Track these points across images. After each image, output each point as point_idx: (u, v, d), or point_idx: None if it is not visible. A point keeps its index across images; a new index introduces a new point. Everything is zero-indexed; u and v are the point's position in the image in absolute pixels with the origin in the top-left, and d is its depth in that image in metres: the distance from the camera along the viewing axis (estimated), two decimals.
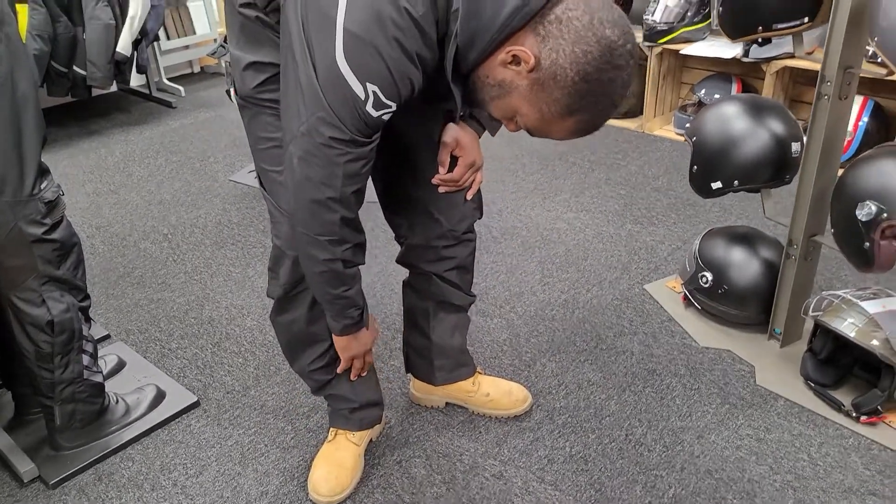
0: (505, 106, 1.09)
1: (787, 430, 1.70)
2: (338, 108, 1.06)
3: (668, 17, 3.17)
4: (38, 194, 1.45)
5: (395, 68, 1.03)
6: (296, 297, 1.41)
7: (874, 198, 1.54)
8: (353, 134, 1.08)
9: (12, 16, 1.37)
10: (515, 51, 1.01)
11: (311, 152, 1.10)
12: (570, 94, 1.01)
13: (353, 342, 1.39)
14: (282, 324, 1.47)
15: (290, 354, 1.52)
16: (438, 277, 1.57)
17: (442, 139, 1.41)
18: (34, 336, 1.54)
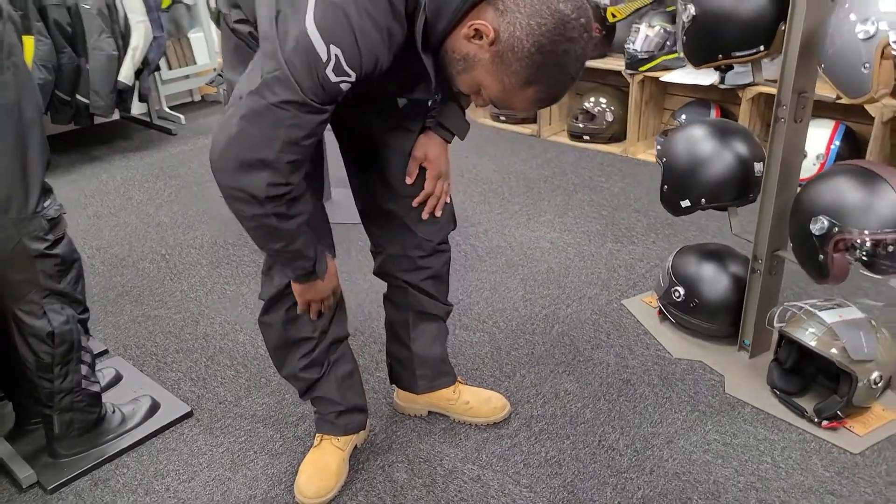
0: (470, 80, 1.17)
1: (753, 434, 1.78)
2: (296, 69, 1.08)
3: (648, 46, 3.30)
4: (42, 212, 1.54)
5: (361, 37, 1.08)
6: (286, 296, 1.49)
7: (827, 213, 1.64)
8: (306, 97, 1.10)
9: (19, 46, 1.48)
10: (477, 24, 1.10)
11: (256, 111, 1.12)
12: (528, 65, 1.09)
13: (309, 289, 1.42)
14: (269, 324, 1.55)
15: (277, 357, 1.60)
16: (414, 288, 1.66)
17: (412, 154, 1.52)
18: (35, 347, 1.63)
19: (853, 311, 1.77)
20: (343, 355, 1.64)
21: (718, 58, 1.81)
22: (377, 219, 1.61)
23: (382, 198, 1.56)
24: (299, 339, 1.55)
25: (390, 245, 1.62)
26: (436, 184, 1.55)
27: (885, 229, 1.58)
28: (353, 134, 1.53)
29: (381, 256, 1.66)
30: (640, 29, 3.31)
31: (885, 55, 1.45)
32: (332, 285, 1.47)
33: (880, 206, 1.59)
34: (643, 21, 3.33)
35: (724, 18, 1.75)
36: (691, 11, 1.80)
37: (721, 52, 1.79)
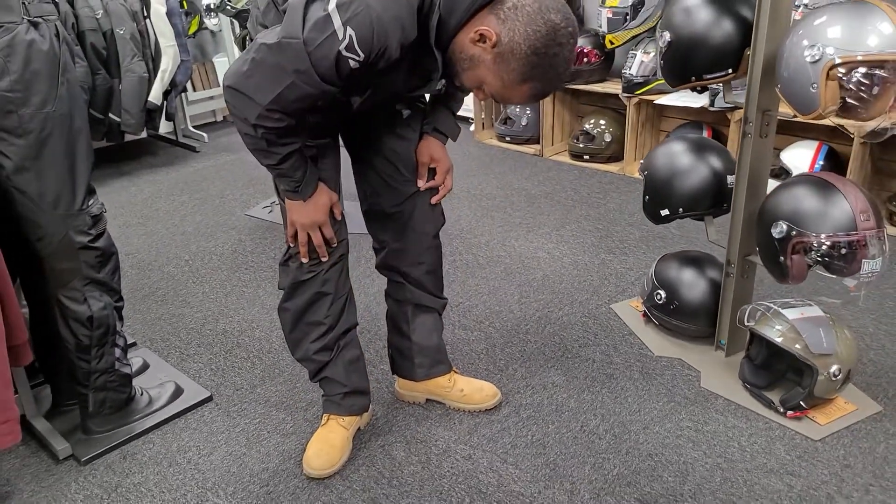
0: (473, 77, 1.38)
1: (723, 423, 1.94)
2: (311, 41, 1.27)
3: (643, 70, 3.51)
4: (87, 209, 1.76)
5: (377, 24, 1.26)
6: (302, 284, 1.69)
7: (786, 218, 1.81)
8: (311, 66, 1.30)
9: (72, 65, 1.71)
10: (482, 30, 1.31)
11: (265, 62, 1.33)
12: (524, 64, 1.31)
13: (297, 208, 1.58)
14: (288, 309, 1.74)
15: (292, 341, 1.79)
16: (412, 282, 1.86)
17: (418, 160, 1.74)
18: (76, 329, 1.83)
19: (815, 309, 1.93)
20: (351, 342, 1.83)
21: (692, 80, 1.99)
22: (380, 218, 1.81)
23: (385, 199, 1.77)
24: (313, 322, 1.74)
25: (391, 241, 1.82)
26: (444, 176, 1.79)
27: (838, 233, 1.75)
28: (361, 143, 1.74)
29: (383, 252, 1.86)
30: (636, 55, 3.52)
31: (831, 77, 1.63)
32: (318, 215, 1.60)
33: (833, 213, 1.77)
34: (639, 48, 3.53)
35: (696, 44, 1.94)
36: (667, 38, 1.99)
37: (694, 75, 1.98)
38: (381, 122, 1.70)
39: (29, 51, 1.56)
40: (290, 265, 1.70)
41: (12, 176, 1.64)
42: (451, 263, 2.86)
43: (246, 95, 1.37)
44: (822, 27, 1.67)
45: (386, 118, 1.70)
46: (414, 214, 1.78)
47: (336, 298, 1.74)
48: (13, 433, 1.66)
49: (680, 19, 1.96)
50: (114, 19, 3.62)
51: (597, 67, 3.79)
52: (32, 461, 1.92)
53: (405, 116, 1.71)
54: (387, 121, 1.70)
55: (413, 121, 1.72)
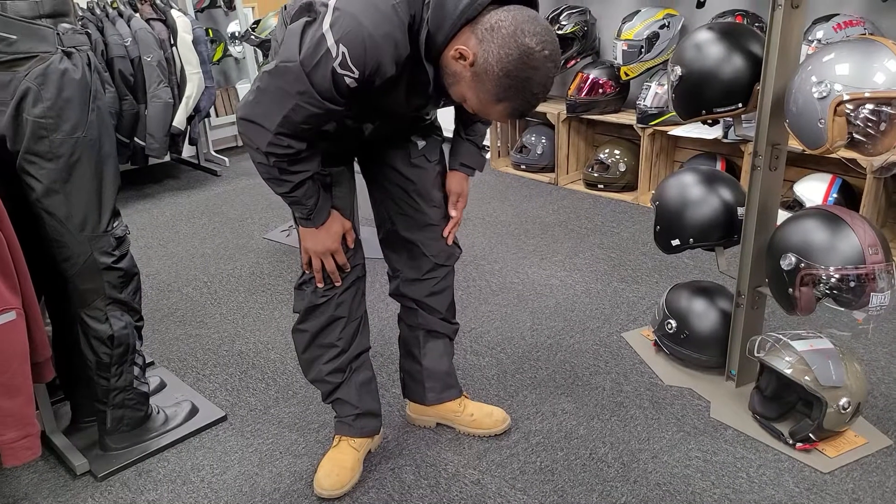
0: (457, 92, 1.42)
1: (732, 453, 1.94)
2: (308, 62, 1.33)
3: (658, 102, 3.55)
4: (111, 231, 1.82)
5: (368, 41, 1.31)
6: (317, 308, 1.74)
7: (795, 251, 1.83)
8: (310, 86, 1.35)
9: (103, 93, 1.78)
10: (461, 49, 1.35)
11: (268, 88, 1.40)
12: (497, 85, 1.34)
13: (310, 236, 1.63)
14: (302, 331, 1.78)
15: (305, 361, 1.83)
16: (425, 308, 1.90)
17: (451, 189, 1.82)
18: (96, 348, 1.88)
19: (824, 341, 1.94)
20: (363, 364, 1.87)
21: (702, 113, 2.03)
22: (396, 246, 1.85)
23: (402, 227, 1.81)
24: (326, 344, 1.78)
25: (406, 270, 1.86)
26: (461, 214, 1.85)
27: (847, 266, 1.77)
28: (378, 171, 1.79)
29: (397, 280, 1.90)
30: (650, 87, 3.57)
31: (839, 113, 1.67)
32: (331, 243, 1.65)
33: (842, 246, 1.79)
34: (653, 80, 3.58)
35: (707, 79, 1.97)
36: (678, 72, 2.03)
37: (704, 109, 2.01)
38: (397, 151, 1.75)
39: (62, 79, 1.64)
40: (304, 289, 1.74)
41: (42, 198, 1.71)
42: (465, 289, 2.89)
43: (255, 123, 1.43)
44: (830, 64, 1.71)
45: (401, 148, 1.75)
46: (429, 244, 1.82)
47: (350, 321, 1.78)
48: (33, 448, 1.70)
49: (691, 54, 2.00)
50: (142, 47, 3.74)
51: (612, 98, 3.84)
52: (50, 476, 1.96)
53: (420, 148, 1.76)
54: (402, 151, 1.75)
55: (428, 151, 1.77)
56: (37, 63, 1.61)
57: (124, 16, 3.80)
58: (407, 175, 1.76)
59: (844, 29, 2.95)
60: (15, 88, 1.61)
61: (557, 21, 3.87)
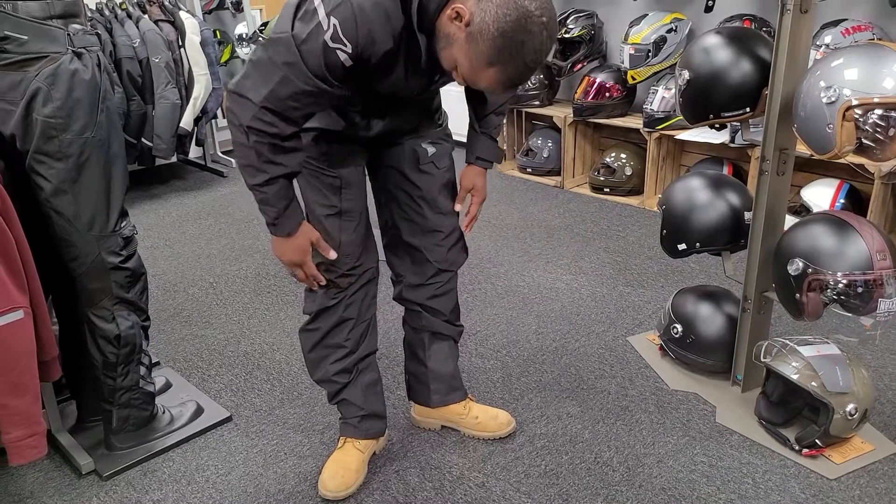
0: (449, 56, 1.37)
1: (738, 459, 1.94)
2: (298, 34, 1.33)
3: (665, 106, 3.55)
4: (119, 231, 1.82)
5: (358, 12, 1.31)
6: (326, 310, 1.74)
7: (802, 256, 1.83)
8: (299, 59, 1.34)
9: (112, 94, 1.79)
10: (458, 7, 1.32)
11: (258, 60, 1.38)
12: (491, 46, 1.29)
13: (277, 244, 1.61)
14: (311, 331, 1.78)
15: (311, 361, 1.83)
16: (428, 311, 1.90)
17: (462, 185, 1.83)
18: (103, 347, 1.89)
19: (831, 347, 1.94)
20: (370, 366, 1.87)
21: (710, 117, 2.02)
22: (399, 251, 1.85)
23: (406, 232, 1.81)
24: (333, 345, 1.78)
25: (409, 275, 1.86)
26: (480, 207, 1.86)
27: (854, 271, 1.77)
28: (386, 176, 1.79)
29: (401, 285, 1.90)
30: (657, 91, 3.57)
31: (847, 118, 1.66)
32: (295, 256, 1.62)
33: (850, 252, 1.78)
34: (660, 84, 3.58)
35: (715, 83, 1.97)
36: (686, 76, 2.03)
37: (712, 113, 2.01)
38: (406, 156, 1.74)
39: (72, 80, 1.64)
40: (316, 291, 1.74)
41: (50, 198, 1.71)
42: (470, 292, 2.89)
43: (242, 96, 1.41)
44: (838, 69, 1.71)
45: (410, 154, 1.75)
46: (433, 250, 1.82)
47: (358, 323, 1.78)
48: (39, 447, 1.71)
49: (699, 59, 2.00)
50: (150, 48, 3.75)
51: (619, 102, 3.84)
52: (56, 475, 1.96)
53: (430, 154, 1.76)
54: (411, 156, 1.75)
55: (437, 158, 1.76)
56: (47, 63, 1.62)
57: (133, 17, 3.82)
58: (414, 181, 1.76)
59: (853, 34, 2.94)
60: (25, 88, 1.61)
61: (564, 24, 3.87)
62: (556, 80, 4.16)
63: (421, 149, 1.74)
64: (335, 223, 1.70)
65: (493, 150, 1.86)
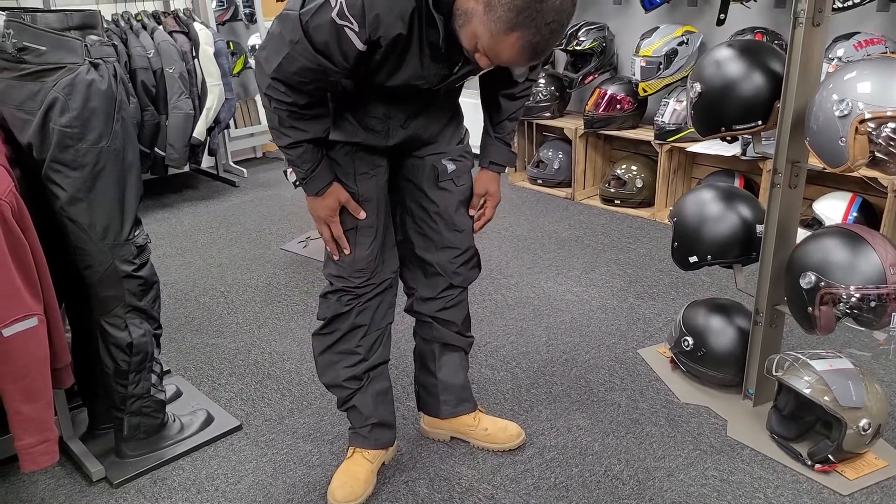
0: (468, 32, 1.34)
1: (749, 473, 1.92)
2: (306, 13, 1.36)
3: (676, 118, 3.55)
4: (133, 239, 1.84)
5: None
6: (340, 316, 1.76)
7: (815, 269, 1.82)
8: (304, 37, 1.38)
9: (128, 104, 1.81)
10: None
11: (271, 33, 1.45)
12: (508, 9, 1.25)
13: (312, 202, 1.66)
14: (324, 335, 1.79)
15: (322, 365, 1.83)
16: (440, 322, 1.90)
17: (475, 192, 1.84)
18: (115, 355, 1.90)
19: (844, 361, 1.92)
20: (381, 374, 1.87)
21: (721, 130, 2.02)
22: (413, 265, 1.86)
23: (419, 247, 1.82)
24: (345, 350, 1.79)
25: (421, 288, 1.87)
26: (494, 211, 1.89)
27: (868, 285, 1.76)
28: (405, 190, 1.79)
29: (413, 298, 1.91)
30: (668, 103, 3.57)
31: (860, 131, 1.66)
32: (323, 213, 1.67)
33: (863, 265, 1.77)
34: (672, 96, 3.58)
35: (727, 95, 1.97)
36: (698, 89, 2.03)
37: (724, 126, 2.01)
38: (425, 173, 1.75)
39: (89, 90, 1.66)
40: (329, 298, 1.75)
41: (66, 206, 1.73)
42: (480, 303, 2.89)
43: (260, 65, 1.49)
44: (851, 82, 1.70)
45: (430, 170, 1.75)
46: (445, 266, 1.83)
47: (370, 331, 1.79)
48: (51, 454, 1.71)
49: (711, 71, 2.00)
50: (164, 59, 3.79)
51: (630, 114, 3.84)
52: (67, 482, 1.97)
53: (450, 172, 1.76)
54: (430, 172, 1.75)
55: (457, 175, 1.77)
56: (65, 74, 1.64)
57: (148, 28, 3.86)
58: (432, 197, 1.76)
59: (865, 47, 2.94)
60: (43, 98, 1.64)
61: (576, 37, 3.88)
62: (567, 92, 4.17)
63: (441, 165, 1.75)
64: (351, 237, 1.71)
65: (507, 154, 1.88)
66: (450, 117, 1.76)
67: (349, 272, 1.73)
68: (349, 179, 1.67)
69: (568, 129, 4.05)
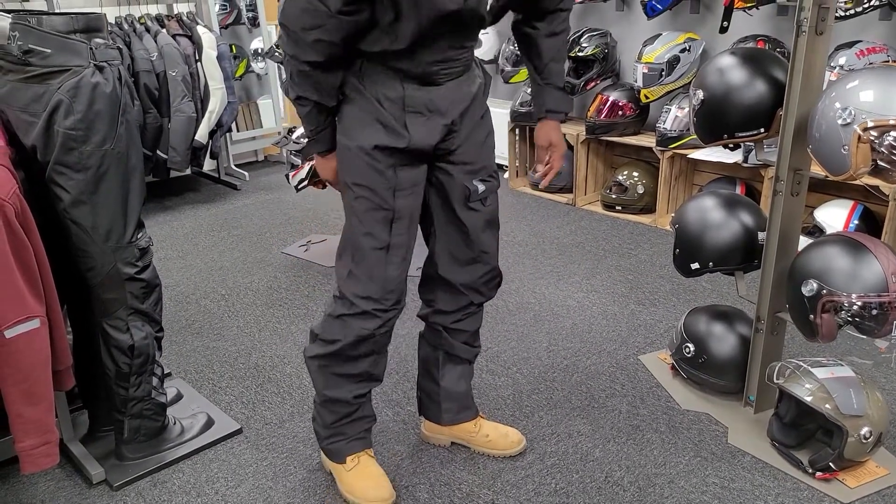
0: None
1: (750, 481, 1.92)
2: None
3: (678, 125, 3.55)
4: (135, 242, 1.84)
5: None
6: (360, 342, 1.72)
7: (817, 277, 1.82)
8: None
9: (132, 107, 1.81)
10: None
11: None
12: None
13: (319, 162, 1.70)
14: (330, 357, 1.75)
15: (323, 383, 1.80)
16: (449, 332, 1.90)
17: (537, 144, 1.87)
18: (117, 357, 1.90)
19: (845, 369, 1.92)
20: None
21: (724, 137, 2.03)
22: (435, 284, 1.85)
23: (444, 267, 1.82)
24: (357, 374, 1.78)
25: (442, 303, 1.87)
26: (562, 160, 1.90)
27: (869, 293, 1.76)
28: (437, 207, 1.77)
29: (430, 309, 1.90)
30: (670, 110, 3.57)
31: (862, 139, 1.66)
32: (328, 175, 1.71)
33: (865, 273, 1.77)
34: (674, 103, 3.59)
35: (729, 103, 1.97)
36: (700, 96, 2.04)
37: (726, 133, 2.01)
38: (456, 193, 1.73)
39: (93, 93, 1.67)
40: (347, 320, 1.69)
41: (69, 209, 1.73)
42: None
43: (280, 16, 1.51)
44: (854, 90, 1.71)
45: (461, 189, 1.72)
46: (469, 285, 1.83)
47: (383, 354, 1.81)
48: (51, 456, 1.71)
49: (714, 79, 2.00)
50: (167, 62, 3.80)
51: (632, 120, 3.85)
52: (67, 484, 1.97)
53: (480, 192, 1.74)
54: (461, 192, 1.73)
55: (485, 195, 1.76)
56: (69, 76, 1.65)
57: (151, 31, 3.87)
58: (461, 217, 1.75)
59: (867, 55, 2.95)
60: (48, 101, 1.64)
61: (578, 43, 3.89)
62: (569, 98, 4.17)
63: (472, 185, 1.73)
64: (381, 257, 1.66)
65: (563, 99, 1.83)
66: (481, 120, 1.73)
67: (381, 293, 1.68)
68: (388, 194, 1.63)
69: (570, 135, 4.05)
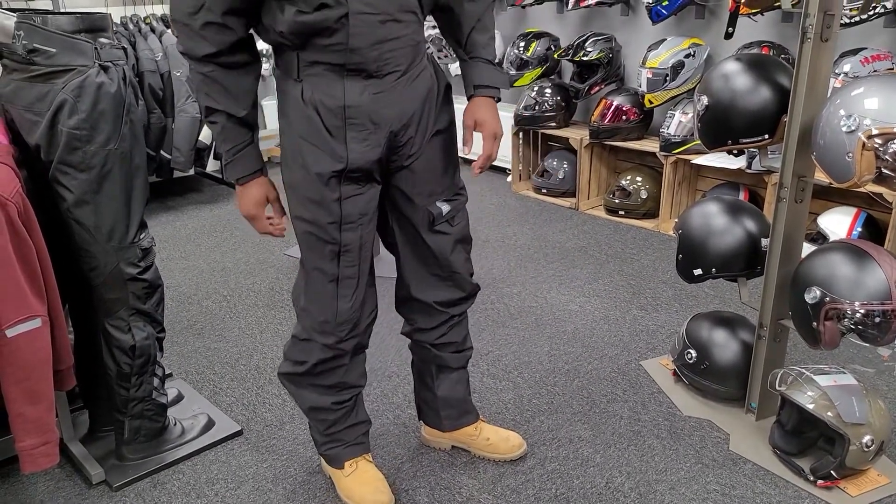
0: None
1: (751, 488, 1.91)
2: None
3: (681, 131, 3.55)
4: (138, 242, 1.84)
5: None
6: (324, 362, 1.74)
7: (820, 284, 1.82)
8: None
9: (136, 107, 1.81)
10: None
11: None
12: None
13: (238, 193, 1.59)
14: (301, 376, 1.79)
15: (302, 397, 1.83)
16: (437, 348, 1.89)
17: (464, 124, 1.63)
18: (118, 357, 1.90)
19: (848, 377, 1.91)
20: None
21: (728, 143, 2.02)
22: (411, 305, 1.84)
23: (416, 289, 1.80)
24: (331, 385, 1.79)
25: (421, 321, 1.86)
26: (493, 145, 1.63)
27: (873, 301, 1.75)
28: (397, 234, 1.75)
29: (411, 327, 1.90)
30: (674, 115, 3.57)
31: (867, 147, 1.66)
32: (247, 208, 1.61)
33: (868, 281, 1.77)
34: (678, 108, 3.59)
35: (734, 109, 1.97)
36: (705, 102, 2.03)
37: (730, 139, 2.01)
38: (419, 218, 1.69)
39: (98, 93, 1.67)
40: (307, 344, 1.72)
41: (72, 208, 1.73)
42: (482, 312, 2.89)
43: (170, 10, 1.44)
44: (859, 98, 1.70)
45: (424, 215, 1.69)
46: (443, 303, 1.81)
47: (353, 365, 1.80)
48: (51, 455, 1.71)
49: (718, 84, 2.00)
50: (172, 62, 3.80)
51: (635, 125, 3.85)
52: (66, 484, 1.97)
53: (445, 213, 1.69)
54: (424, 217, 1.69)
55: (451, 216, 1.71)
56: (74, 76, 1.65)
57: (156, 31, 3.88)
58: (427, 241, 1.71)
59: (872, 63, 2.94)
60: (52, 100, 1.64)
61: (583, 47, 3.89)
62: (573, 102, 4.18)
63: (436, 208, 1.67)
64: (331, 291, 1.64)
65: (494, 73, 1.61)
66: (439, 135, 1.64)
67: (332, 327, 1.66)
68: (333, 228, 1.58)
69: (573, 139, 4.05)
